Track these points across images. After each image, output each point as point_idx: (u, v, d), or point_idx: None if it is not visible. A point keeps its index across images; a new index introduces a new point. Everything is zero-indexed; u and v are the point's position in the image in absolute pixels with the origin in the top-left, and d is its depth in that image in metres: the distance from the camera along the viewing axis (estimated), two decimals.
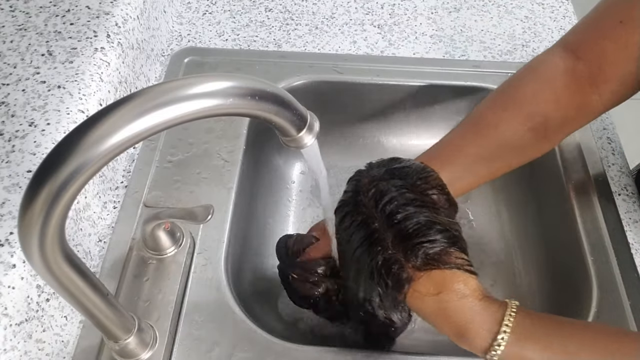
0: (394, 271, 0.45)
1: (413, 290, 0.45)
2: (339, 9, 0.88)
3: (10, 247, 0.46)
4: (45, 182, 0.30)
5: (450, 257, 0.45)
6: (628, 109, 0.61)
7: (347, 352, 0.55)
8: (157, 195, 0.65)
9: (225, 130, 0.71)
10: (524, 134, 0.55)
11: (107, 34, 0.64)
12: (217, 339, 0.55)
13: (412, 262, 0.44)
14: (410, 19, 0.87)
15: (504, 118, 0.56)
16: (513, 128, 0.56)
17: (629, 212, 0.65)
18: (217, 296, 0.58)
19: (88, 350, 0.53)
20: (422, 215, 0.46)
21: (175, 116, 0.31)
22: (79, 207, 0.56)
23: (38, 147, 0.52)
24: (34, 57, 0.60)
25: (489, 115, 0.57)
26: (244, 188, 0.69)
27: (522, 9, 0.89)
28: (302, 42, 0.83)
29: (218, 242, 0.61)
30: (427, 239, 0.44)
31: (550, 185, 0.72)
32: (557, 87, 0.55)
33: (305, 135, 0.39)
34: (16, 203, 0.48)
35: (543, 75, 0.56)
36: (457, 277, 0.44)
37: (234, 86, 0.33)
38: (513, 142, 0.56)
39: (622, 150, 0.72)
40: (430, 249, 0.44)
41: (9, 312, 0.44)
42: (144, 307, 0.55)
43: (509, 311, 0.43)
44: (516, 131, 0.55)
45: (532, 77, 0.57)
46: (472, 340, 0.43)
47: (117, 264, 0.59)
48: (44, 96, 0.57)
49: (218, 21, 0.86)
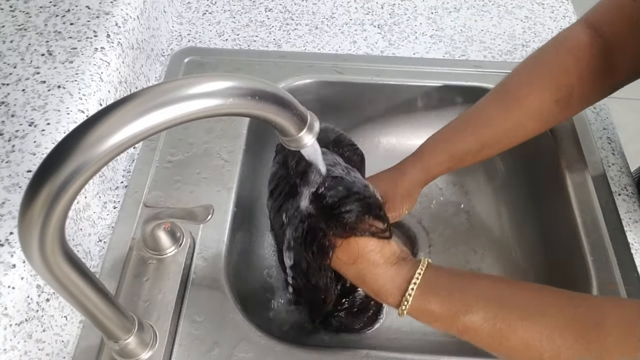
0: (319, 239, 0.48)
1: (336, 257, 0.48)
2: (339, 8, 0.88)
3: (10, 247, 0.46)
4: (45, 182, 0.30)
5: (364, 225, 0.48)
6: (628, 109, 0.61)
7: (347, 353, 0.55)
8: (157, 195, 0.65)
9: (225, 130, 0.71)
10: (551, 104, 0.58)
11: (107, 33, 0.64)
12: (217, 339, 0.55)
13: (333, 230, 0.48)
14: (410, 19, 0.87)
15: (533, 91, 0.59)
16: (541, 99, 0.59)
17: (629, 212, 0.65)
18: (217, 296, 0.58)
19: (88, 350, 0.53)
20: (341, 186, 0.49)
21: (175, 116, 0.31)
22: (79, 207, 0.56)
23: (38, 147, 0.52)
24: (34, 57, 0.60)
25: (518, 89, 0.60)
26: (244, 188, 0.69)
27: (522, 8, 0.89)
28: (302, 42, 0.83)
29: (218, 242, 0.61)
30: (345, 208, 0.48)
31: (550, 185, 0.72)
32: (582, 61, 0.57)
33: (306, 135, 0.39)
34: (16, 203, 0.48)
35: (570, 49, 0.58)
36: (371, 246, 0.48)
37: (234, 86, 0.33)
38: (538, 112, 0.59)
39: (622, 151, 0.72)
40: (347, 218, 0.47)
41: (9, 312, 0.44)
42: (144, 307, 0.55)
43: (419, 269, 0.47)
44: (543, 102, 0.58)
45: (559, 51, 0.60)
46: (386, 299, 0.47)
47: (117, 264, 0.59)
48: (44, 96, 0.57)
49: (218, 21, 0.86)
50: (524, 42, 0.84)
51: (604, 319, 0.40)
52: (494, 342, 0.43)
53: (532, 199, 0.77)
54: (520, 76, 0.61)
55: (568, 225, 0.66)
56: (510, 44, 0.83)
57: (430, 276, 0.46)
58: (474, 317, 0.43)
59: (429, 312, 0.46)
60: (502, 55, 0.82)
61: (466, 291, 0.45)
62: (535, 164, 0.78)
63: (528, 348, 0.42)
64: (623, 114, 0.63)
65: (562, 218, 0.68)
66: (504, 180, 0.82)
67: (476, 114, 0.63)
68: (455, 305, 0.45)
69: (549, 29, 0.86)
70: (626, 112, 0.65)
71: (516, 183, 0.80)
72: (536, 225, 0.75)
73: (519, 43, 0.84)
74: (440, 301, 0.45)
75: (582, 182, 0.68)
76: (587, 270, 0.61)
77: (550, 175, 0.72)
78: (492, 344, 0.44)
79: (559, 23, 0.86)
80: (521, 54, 0.82)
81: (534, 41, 0.84)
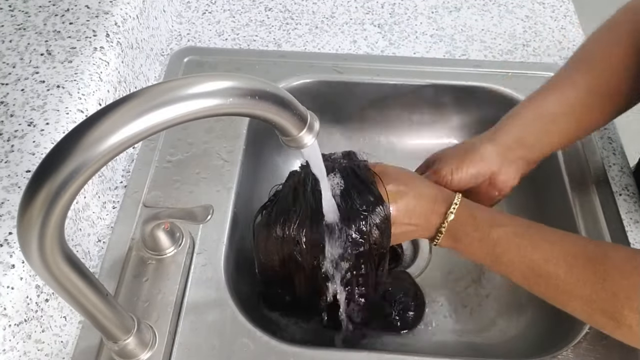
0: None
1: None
2: (339, 8, 0.88)
3: (9, 247, 0.45)
4: (45, 182, 0.29)
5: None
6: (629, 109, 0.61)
7: (347, 353, 0.55)
8: (156, 195, 0.65)
9: (225, 130, 0.71)
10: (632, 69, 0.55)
11: (107, 33, 0.63)
12: (217, 339, 0.55)
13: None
14: (411, 19, 0.86)
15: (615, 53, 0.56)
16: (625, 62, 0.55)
17: (630, 212, 0.65)
18: (217, 296, 0.57)
19: (87, 351, 0.53)
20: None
21: (175, 116, 0.31)
22: (78, 207, 0.55)
23: (37, 147, 0.52)
24: (33, 57, 0.60)
25: (606, 49, 0.57)
26: (244, 188, 0.69)
27: (522, 8, 0.89)
28: (302, 42, 0.82)
29: (218, 242, 0.61)
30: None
31: (551, 185, 0.72)
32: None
33: (306, 135, 0.39)
34: (15, 203, 0.48)
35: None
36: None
37: (234, 86, 0.33)
38: (625, 69, 0.56)
39: (623, 150, 0.72)
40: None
41: (8, 312, 0.44)
42: (143, 307, 0.55)
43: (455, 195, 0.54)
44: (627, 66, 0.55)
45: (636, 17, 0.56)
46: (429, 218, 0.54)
47: (116, 264, 0.59)
48: (43, 96, 0.56)
49: (218, 20, 0.85)
50: (525, 42, 0.83)
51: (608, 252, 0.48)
52: (519, 255, 0.50)
53: (533, 199, 0.77)
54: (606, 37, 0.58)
55: (569, 226, 0.66)
56: (511, 44, 0.83)
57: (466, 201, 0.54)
58: (507, 229, 0.51)
59: (472, 219, 0.52)
60: (503, 55, 0.82)
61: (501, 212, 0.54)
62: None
63: (547, 263, 0.48)
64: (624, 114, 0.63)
65: (562, 218, 0.68)
66: None
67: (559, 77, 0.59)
68: (493, 217, 0.52)
69: (550, 29, 0.85)
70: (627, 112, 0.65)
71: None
72: None
73: (520, 42, 0.83)
74: (481, 211, 0.53)
75: (583, 182, 0.68)
76: None
77: (551, 175, 0.72)
78: (517, 257, 0.50)
79: (560, 22, 0.86)
80: (522, 53, 0.82)
81: (535, 41, 0.84)
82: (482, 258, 0.52)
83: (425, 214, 0.54)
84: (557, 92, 0.58)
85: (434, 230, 0.54)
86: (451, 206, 0.52)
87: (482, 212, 0.53)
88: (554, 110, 0.57)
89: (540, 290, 0.50)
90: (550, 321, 0.63)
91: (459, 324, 0.69)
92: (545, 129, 0.58)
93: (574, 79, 0.58)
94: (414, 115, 0.83)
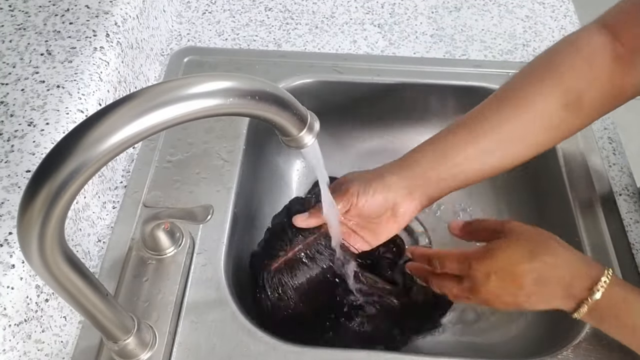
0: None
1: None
2: (339, 8, 0.88)
3: (9, 247, 0.45)
4: (45, 182, 0.29)
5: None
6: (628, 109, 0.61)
7: (347, 353, 0.55)
8: (156, 195, 0.65)
9: (225, 130, 0.71)
10: (559, 110, 0.54)
11: (107, 33, 0.63)
12: (217, 339, 0.55)
13: None
14: (411, 18, 0.86)
15: (541, 92, 0.54)
16: (549, 103, 0.54)
17: (630, 212, 0.65)
18: (217, 296, 0.57)
19: (87, 351, 0.53)
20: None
21: (175, 116, 0.31)
22: (78, 207, 0.55)
23: (37, 147, 0.52)
24: (33, 57, 0.60)
25: (524, 88, 0.56)
26: (244, 188, 0.69)
27: (522, 8, 0.89)
28: (302, 42, 0.82)
29: (218, 242, 0.61)
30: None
31: (551, 185, 0.72)
32: (596, 65, 0.54)
33: (306, 135, 0.39)
34: (15, 203, 0.48)
35: (582, 51, 0.55)
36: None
37: (234, 86, 0.33)
38: (547, 118, 0.55)
39: (623, 150, 0.72)
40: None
41: (8, 312, 0.44)
42: (143, 307, 0.55)
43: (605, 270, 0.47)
44: (551, 106, 0.54)
45: (570, 51, 0.56)
46: (572, 290, 0.48)
47: (116, 264, 0.59)
48: (43, 96, 0.56)
49: (218, 20, 0.85)
50: (525, 42, 0.83)
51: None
52: None
53: (533, 199, 0.77)
54: (525, 77, 0.57)
55: (568, 225, 0.66)
56: (511, 44, 0.83)
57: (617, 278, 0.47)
58: None
59: (626, 303, 0.46)
60: (503, 55, 0.82)
61: None
62: (535, 163, 0.77)
63: None
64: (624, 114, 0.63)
65: (562, 218, 0.68)
66: (505, 180, 0.82)
67: (477, 119, 0.57)
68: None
69: (550, 29, 0.85)
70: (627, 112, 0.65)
71: (517, 183, 0.80)
72: (536, 225, 0.75)
73: (520, 42, 0.83)
74: (637, 293, 0.46)
75: (583, 182, 0.68)
76: None
77: (551, 175, 0.72)
78: None
79: (560, 22, 0.86)
80: (522, 53, 0.82)
81: (535, 41, 0.84)
82: (631, 345, 0.48)
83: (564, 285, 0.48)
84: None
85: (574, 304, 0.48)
86: (598, 283, 0.46)
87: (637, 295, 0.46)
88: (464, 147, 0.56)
89: None
90: (550, 321, 0.63)
91: (459, 323, 0.69)
92: (452, 168, 0.56)
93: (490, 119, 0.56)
94: (414, 115, 0.83)
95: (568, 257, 0.49)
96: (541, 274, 0.48)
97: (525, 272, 0.48)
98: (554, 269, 0.48)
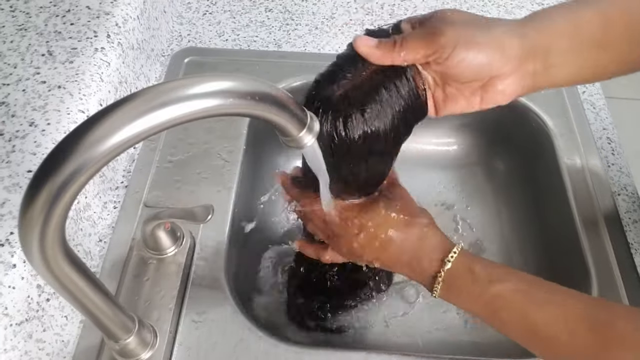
0: None
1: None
2: (339, 9, 0.88)
3: (11, 247, 0.46)
4: (46, 182, 0.30)
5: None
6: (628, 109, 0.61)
7: (347, 353, 0.55)
8: (157, 195, 0.65)
9: (225, 130, 0.71)
10: None
11: (108, 34, 0.64)
12: (217, 339, 0.55)
13: None
14: None
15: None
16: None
17: (629, 211, 0.66)
18: (217, 296, 0.58)
19: (88, 350, 0.53)
20: None
21: (175, 117, 0.31)
22: (79, 207, 0.56)
23: (38, 147, 0.52)
24: (34, 57, 0.60)
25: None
26: (244, 188, 0.69)
27: (522, 9, 0.89)
28: (302, 42, 0.83)
29: (218, 242, 0.61)
30: None
31: (550, 185, 0.72)
32: None
33: (305, 135, 0.39)
34: (16, 203, 0.48)
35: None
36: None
37: (234, 86, 0.33)
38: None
39: (622, 150, 0.72)
40: None
41: (10, 312, 0.44)
42: (144, 307, 0.55)
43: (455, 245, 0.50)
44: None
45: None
46: (424, 262, 0.50)
47: (117, 263, 0.59)
48: (44, 96, 0.57)
49: (218, 21, 0.86)
50: None
51: (616, 320, 0.43)
52: (518, 316, 0.46)
53: (532, 199, 0.77)
54: None
55: (568, 225, 0.66)
56: None
57: (465, 251, 0.50)
58: (508, 286, 0.46)
59: (470, 273, 0.47)
60: None
61: (501, 266, 0.49)
62: (535, 163, 0.78)
63: (548, 326, 0.44)
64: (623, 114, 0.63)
65: (562, 218, 0.68)
66: (504, 180, 0.82)
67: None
68: (494, 271, 0.47)
69: None
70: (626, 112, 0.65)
71: (516, 183, 0.80)
72: (536, 225, 0.75)
73: None
74: (482, 264, 0.48)
75: (582, 182, 0.68)
76: (587, 270, 0.61)
77: (550, 175, 0.72)
78: (515, 317, 0.46)
79: None
80: None
81: None
82: (478, 313, 0.49)
83: (418, 257, 0.50)
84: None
85: (429, 278, 0.50)
86: (449, 254, 0.48)
87: (482, 265, 0.48)
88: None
89: (538, 351, 0.47)
90: None
91: (459, 323, 0.69)
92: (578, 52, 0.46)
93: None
94: None
95: (429, 234, 0.51)
96: (403, 247, 0.50)
97: (392, 239, 0.50)
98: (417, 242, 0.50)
